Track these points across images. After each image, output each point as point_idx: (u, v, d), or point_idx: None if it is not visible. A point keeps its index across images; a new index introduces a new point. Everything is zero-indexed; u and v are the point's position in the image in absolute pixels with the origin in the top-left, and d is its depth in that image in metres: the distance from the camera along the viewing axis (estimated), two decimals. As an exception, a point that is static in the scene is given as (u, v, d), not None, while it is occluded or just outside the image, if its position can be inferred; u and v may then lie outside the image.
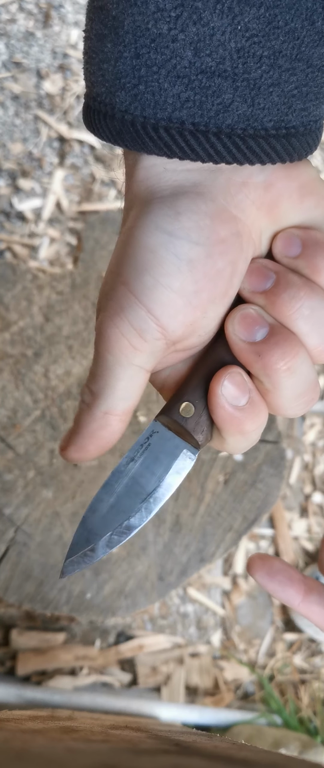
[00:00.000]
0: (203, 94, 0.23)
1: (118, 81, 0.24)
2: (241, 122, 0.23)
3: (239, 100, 0.23)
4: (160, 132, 0.24)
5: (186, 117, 0.23)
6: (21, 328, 0.76)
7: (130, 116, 0.24)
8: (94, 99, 0.25)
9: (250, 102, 0.23)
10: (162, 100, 0.23)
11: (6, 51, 1.34)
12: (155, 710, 0.90)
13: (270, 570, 0.30)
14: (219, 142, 0.24)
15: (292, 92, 0.24)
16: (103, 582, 0.69)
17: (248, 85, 0.23)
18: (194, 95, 0.23)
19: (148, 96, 0.23)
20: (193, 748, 0.29)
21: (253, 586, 1.11)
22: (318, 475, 1.21)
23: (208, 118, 0.23)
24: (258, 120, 0.24)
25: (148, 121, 0.24)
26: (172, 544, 0.71)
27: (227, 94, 0.23)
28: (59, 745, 0.26)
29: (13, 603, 0.67)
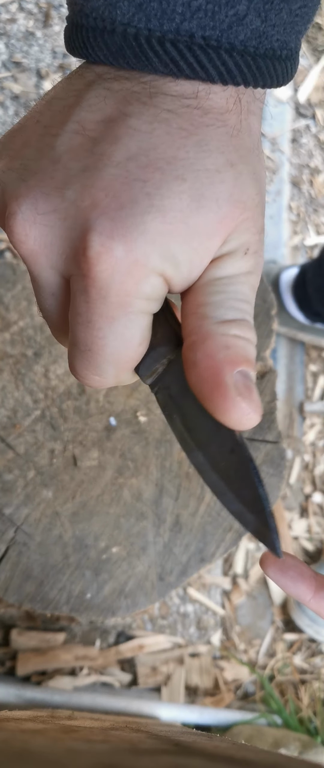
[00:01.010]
0: (216, 3, 0.21)
1: None
2: (253, 39, 0.22)
3: (254, 12, 0.21)
4: (167, 46, 0.21)
5: (196, 29, 0.21)
6: (21, 328, 0.76)
7: (134, 29, 0.21)
8: (87, 16, 0.22)
9: (264, 17, 0.22)
10: (170, 9, 0.21)
11: (6, 51, 1.34)
12: (155, 710, 0.90)
13: (282, 566, 0.30)
14: (231, 60, 0.22)
15: (296, 11, 0.22)
16: (103, 582, 0.69)
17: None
18: (206, 3, 0.21)
19: (154, 4, 0.21)
20: (193, 748, 0.29)
21: (253, 586, 1.11)
22: (318, 475, 1.21)
23: (220, 31, 0.21)
24: (268, 38, 0.22)
25: (153, 34, 0.21)
26: (172, 544, 0.71)
27: (242, 4, 0.21)
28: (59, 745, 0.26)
29: (13, 603, 0.67)
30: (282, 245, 1.37)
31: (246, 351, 0.23)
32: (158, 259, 0.22)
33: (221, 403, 0.22)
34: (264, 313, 0.80)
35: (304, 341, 1.27)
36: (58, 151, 0.22)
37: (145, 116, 0.22)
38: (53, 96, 0.24)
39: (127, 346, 0.23)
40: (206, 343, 0.22)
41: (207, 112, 0.22)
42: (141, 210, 0.21)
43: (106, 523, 0.70)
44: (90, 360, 0.23)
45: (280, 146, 1.45)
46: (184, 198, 0.21)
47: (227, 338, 0.22)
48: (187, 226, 0.21)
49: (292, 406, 1.25)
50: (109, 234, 0.21)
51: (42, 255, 0.23)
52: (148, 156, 0.21)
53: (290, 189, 1.43)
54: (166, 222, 0.21)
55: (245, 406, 0.22)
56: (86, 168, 0.22)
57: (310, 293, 1.15)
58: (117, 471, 0.72)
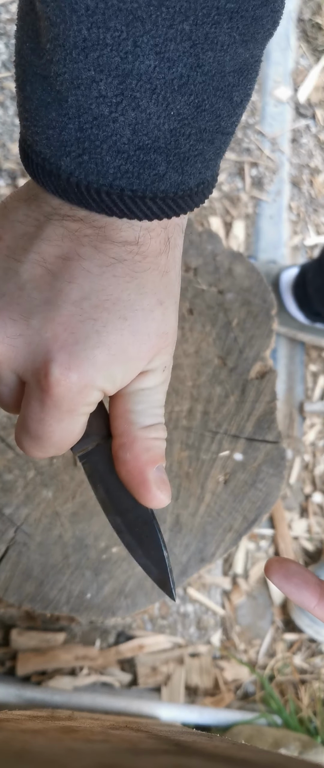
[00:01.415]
0: (141, 167, 0.26)
1: (64, 148, 0.26)
2: (173, 188, 0.27)
3: (172, 170, 0.26)
4: (103, 196, 0.26)
5: (125, 185, 0.26)
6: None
7: (75, 179, 0.26)
8: (36, 154, 0.27)
9: (181, 171, 0.27)
10: (104, 170, 0.26)
11: (6, 51, 1.34)
12: (155, 710, 0.90)
13: (286, 572, 0.31)
14: (154, 204, 0.27)
15: (210, 157, 0.28)
16: (103, 582, 0.69)
17: (179, 157, 0.26)
18: (133, 168, 0.26)
19: (91, 165, 0.26)
20: (193, 748, 0.29)
21: (253, 586, 1.11)
22: (318, 475, 1.21)
23: (144, 186, 0.26)
24: (186, 183, 0.27)
25: (91, 185, 0.26)
26: (172, 544, 0.71)
27: (161, 166, 0.26)
28: (59, 745, 0.26)
29: (13, 603, 0.67)
30: (282, 245, 1.37)
31: (161, 449, 0.30)
32: (101, 380, 0.27)
33: (145, 494, 0.29)
34: (264, 313, 0.80)
35: (304, 341, 1.27)
36: (23, 279, 0.27)
37: (95, 260, 0.27)
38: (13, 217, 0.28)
39: (69, 436, 0.29)
40: (133, 446, 0.29)
41: (145, 256, 0.28)
42: (91, 345, 0.26)
43: (106, 523, 0.70)
44: (37, 443, 0.29)
45: (280, 146, 1.45)
46: (125, 334, 0.27)
47: (148, 441, 0.29)
48: (125, 354, 0.27)
49: (292, 406, 1.25)
50: (67, 366, 0.26)
51: (4, 364, 0.28)
52: (98, 297, 0.26)
53: (290, 189, 1.43)
54: (111, 354, 0.27)
55: (160, 494, 0.29)
56: (47, 301, 0.26)
57: (310, 293, 1.15)
58: (117, 471, 0.72)
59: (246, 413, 0.75)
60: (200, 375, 0.77)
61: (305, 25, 1.57)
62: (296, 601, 0.31)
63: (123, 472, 0.30)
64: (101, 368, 0.27)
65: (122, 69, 0.24)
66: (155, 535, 0.32)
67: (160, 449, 0.30)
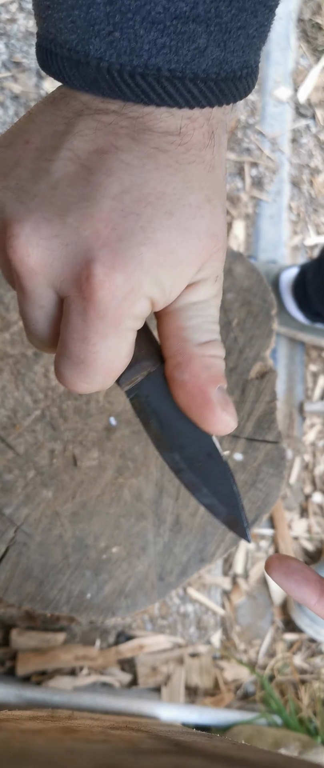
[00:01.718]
0: (179, 40, 0.23)
1: (92, 28, 0.23)
2: (214, 66, 0.24)
3: (213, 44, 0.24)
4: (137, 79, 0.23)
5: (162, 63, 0.23)
6: (21, 328, 0.76)
7: (106, 63, 0.23)
8: (61, 46, 0.24)
9: (223, 46, 0.24)
10: (138, 47, 0.23)
11: (6, 51, 1.34)
12: (155, 710, 0.90)
13: (287, 570, 0.31)
14: (195, 87, 0.24)
15: (253, 34, 0.25)
16: (103, 582, 0.69)
17: (220, 29, 0.23)
18: (170, 41, 0.23)
19: (123, 43, 0.23)
20: (193, 748, 0.29)
21: (253, 586, 1.11)
22: (318, 475, 1.21)
23: (184, 63, 0.23)
24: (228, 63, 0.24)
25: (124, 68, 0.23)
26: (172, 544, 0.71)
27: (202, 39, 0.23)
28: (59, 745, 0.26)
29: (13, 603, 0.67)
30: (282, 245, 1.37)
31: (221, 368, 0.27)
32: (149, 285, 0.24)
33: (209, 416, 0.26)
34: (264, 313, 0.80)
35: (304, 341, 1.27)
36: (55, 177, 0.24)
37: (135, 151, 0.24)
38: (40, 119, 0.26)
39: (116, 359, 0.26)
40: (191, 364, 0.26)
41: (189, 149, 0.25)
42: (137, 242, 0.23)
43: (106, 523, 0.70)
44: (82, 370, 0.26)
45: (280, 146, 1.45)
46: (172, 231, 0.24)
47: (207, 359, 0.26)
48: (174, 256, 0.24)
49: (292, 406, 1.25)
50: (111, 265, 0.23)
51: (40, 275, 0.24)
52: (141, 190, 0.24)
53: (290, 189, 1.43)
54: (158, 253, 0.24)
55: (226, 416, 0.26)
56: (84, 197, 0.23)
57: (310, 293, 1.15)
58: (117, 471, 0.72)
59: (246, 413, 0.75)
60: (200, 375, 0.77)
61: (305, 25, 1.57)
62: (297, 598, 0.31)
63: (181, 395, 0.27)
64: (149, 269, 0.24)
65: None
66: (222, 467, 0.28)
67: (220, 368, 0.27)
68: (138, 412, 0.29)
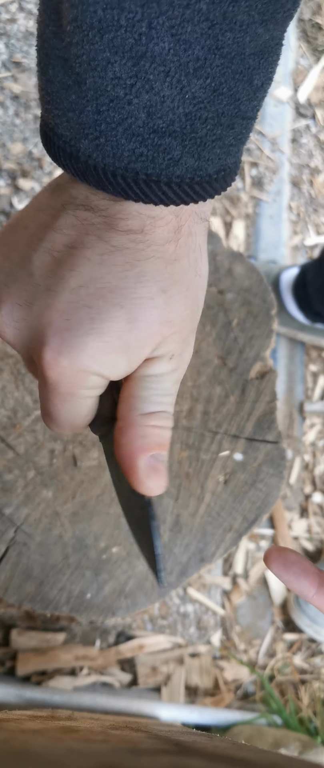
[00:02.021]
0: (155, 151, 0.26)
1: (82, 131, 0.26)
2: (189, 173, 0.27)
3: (187, 155, 0.26)
4: (118, 179, 0.26)
5: (140, 168, 0.26)
6: (21, 328, 0.76)
7: (93, 161, 0.27)
8: (58, 137, 0.28)
9: (197, 156, 0.26)
10: (119, 153, 0.26)
11: (6, 51, 1.34)
12: (155, 710, 0.90)
13: (285, 561, 0.31)
14: (170, 190, 0.27)
15: (230, 143, 0.27)
16: (103, 582, 0.69)
17: (195, 142, 0.26)
18: (147, 151, 0.26)
19: (107, 148, 0.26)
20: (193, 748, 0.29)
21: (253, 586, 1.11)
22: (318, 475, 1.21)
23: (159, 170, 0.26)
24: (203, 169, 0.27)
25: (107, 168, 0.26)
26: (172, 544, 0.71)
27: (176, 150, 0.26)
28: (59, 745, 0.26)
29: (13, 603, 0.67)
30: (282, 245, 1.37)
31: (159, 438, 0.29)
32: (96, 366, 0.27)
33: (133, 480, 0.29)
34: (264, 313, 0.80)
35: (304, 341, 1.27)
36: (33, 266, 0.28)
37: (97, 248, 0.27)
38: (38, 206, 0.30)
39: (77, 417, 0.30)
40: (129, 431, 0.29)
41: (150, 245, 0.28)
42: (83, 331, 0.27)
43: (106, 523, 0.70)
44: (51, 420, 0.30)
45: (280, 146, 1.45)
46: (121, 321, 0.27)
47: (145, 429, 0.29)
48: (122, 341, 0.27)
49: (292, 406, 1.25)
50: (58, 350, 0.27)
51: (17, 345, 0.30)
52: (96, 284, 0.27)
53: (290, 189, 1.43)
54: (104, 340, 0.27)
55: (149, 482, 0.29)
56: (49, 288, 0.28)
57: (310, 293, 1.15)
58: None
59: (246, 413, 0.75)
60: (200, 375, 0.77)
61: (305, 25, 1.57)
62: (295, 590, 0.31)
63: (118, 456, 0.30)
64: (95, 355, 0.27)
65: (136, 51, 0.24)
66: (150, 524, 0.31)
67: (157, 437, 0.29)
68: (105, 455, 0.33)
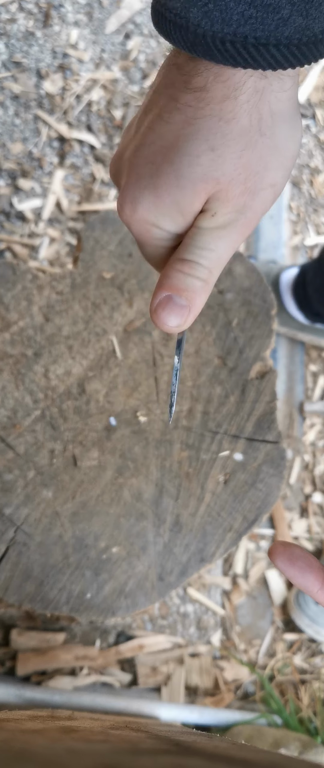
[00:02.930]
0: (264, 11, 0.26)
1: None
2: (297, 33, 0.27)
3: (296, 14, 0.26)
4: (227, 45, 0.27)
5: (249, 32, 0.27)
6: (21, 328, 0.76)
7: (202, 30, 0.27)
8: (169, 11, 0.29)
9: (305, 14, 0.27)
10: (228, 18, 0.27)
11: (6, 51, 1.34)
12: (155, 710, 0.90)
13: (290, 556, 0.31)
14: (278, 52, 0.27)
15: None
16: (103, 582, 0.69)
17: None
18: (256, 12, 0.26)
19: (216, 13, 0.27)
20: (193, 748, 0.29)
21: (253, 586, 1.11)
22: (318, 475, 1.21)
23: (268, 32, 0.27)
24: (310, 29, 0.27)
25: (216, 35, 0.27)
26: (172, 544, 0.71)
27: (285, 9, 0.26)
28: (59, 745, 0.26)
29: (13, 603, 0.67)
30: (282, 245, 1.37)
31: (181, 282, 0.31)
32: (152, 218, 0.31)
33: (150, 312, 0.32)
34: (264, 313, 0.80)
35: (304, 341, 1.27)
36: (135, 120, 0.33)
37: (168, 107, 0.30)
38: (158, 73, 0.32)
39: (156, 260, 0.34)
40: (163, 269, 0.32)
41: (208, 102, 0.29)
42: (143, 185, 0.30)
43: (106, 523, 0.70)
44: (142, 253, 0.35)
45: (280, 146, 1.44)
46: (171, 177, 0.30)
47: (171, 270, 0.32)
48: (171, 198, 0.30)
49: (292, 406, 1.25)
50: (124, 199, 0.31)
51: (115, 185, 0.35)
52: (161, 141, 0.30)
53: (290, 189, 1.43)
54: (157, 195, 0.30)
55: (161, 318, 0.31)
56: (135, 142, 0.31)
57: (310, 293, 1.15)
58: (117, 471, 0.72)
59: (246, 413, 0.75)
60: (200, 375, 0.77)
61: (305, 25, 1.57)
62: (299, 585, 0.31)
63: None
64: (150, 207, 0.30)
65: None
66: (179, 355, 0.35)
67: (179, 281, 0.31)
68: None
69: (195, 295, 0.31)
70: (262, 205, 0.31)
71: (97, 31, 1.40)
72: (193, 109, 0.29)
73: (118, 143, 1.32)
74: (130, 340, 0.77)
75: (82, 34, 1.39)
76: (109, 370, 0.76)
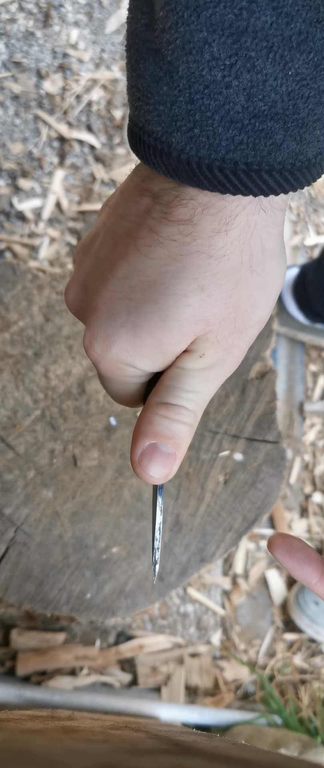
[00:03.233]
0: (256, 137, 0.24)
1: (174, 123, 0.25)
2: (290, 158, 0.25)
3: (289, 139, 0.25)
4: (215, 171, 0.25)
5: (239, 158, 0.25)
6: (21, 328, 0.76)
7: (186, 155, 0.25)
8: (148, 135, 0.27)
9: (299, 139, 0.25)
10: (216, 143, 0.25)
11: (6, 51, 1.34)
12: (155, 710, 0.90)
13: (290, 548, 0.31)
14: (270, 178, 0.25)
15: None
16: (103, 582, 0.69)
17: (297, 124, 0.25)
18: (247, 138, 0.24)
19: (202, 139, 0.25)
20: (193, 748, 0.29)
21: (253, 586, 1.11)
22: (318, 475, 1.21)
23: (260, 157, 0.25)
24: (303, 153, 0.26)
25: (202, 161, 0.25)
26: (172, 544, 0.71)
27: (278, 135, 0.25)
28: (59, 745, 0.26)
29: (13, 603, 0.67)
30: (282, 245, 1.37)
31: (166, 429, 0.29)
32: (128, 358, 0.28)
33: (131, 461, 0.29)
34: (264, 313, 0.80)
35: (304, 341, 1.27)
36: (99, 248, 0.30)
37: (147, 239, 0.27)
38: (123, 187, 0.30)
39: (125, 397, 0.31)
40: (142, 415, 0.29)
41: (195, 237, 0.26)
42: (119, 323, 0.27)
43: (106, 523, 0.70)
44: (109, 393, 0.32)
45: (280, 146, 1.44)
46: (154, 318, 0.27)
47: (153, 416, 0.29)
48: (153, 338, 0.27)
49: (292, 406, 1.25)
50: (94, 336, 0.28)
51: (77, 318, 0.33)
52: (139, 277, 0.27)
53: (290, 189, 1.43)
54: (136, 335, 0.27)
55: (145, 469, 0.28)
56: (103, 273, 0.28)
57: (310, 293, 1.15)
58: (117, 471, 0.72)
59: (246, 413, 0.75)
60: (200, 375, 0.77)
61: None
62: (298, 577, 0.31)
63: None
64: (126, 347, 0.27)
65: (236, 26, 0.22)
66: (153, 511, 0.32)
67: (163, 428, 0.29)
68: None
69: (181, 441, 0.29)
70: (248, 342, 0.30)
71: (97, 31, 1.40)
72: (178, 245, 0.26)
73: (118, 143, 1.32)
74: (130, 340, 0.77)
75: (82, 34, 1.39)
76: (109, 370, 0.76)
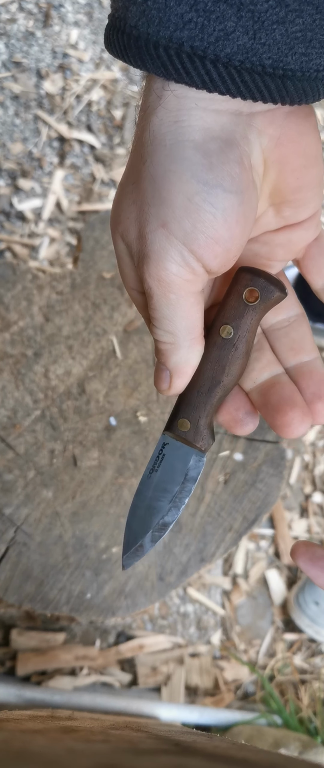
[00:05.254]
0: (206, 17, 0.23)
1: None
2: (239, 53, 0.23)
3: (241, 30, 0.23)
4: (160, 51, 0.24)
5: (186, 39, 0.23)
6: (21, 328, 0.76)
7: (137, 32, 0.24)
8: (112, 15, 0.26)
9: (252, 35, 0.23)
10: (166, 18, 0.23)
11: (6, 51, 1.34)
12: (155, 710, 0.90)
13: (312, 556, 0.32)
14: (215, 70, 0.23)
15: (295, 34, 0.23)
16: (103, 582, 0.69)
17: (252, 16, 0.23)
18: (197, 17, 0.23)
19: (154, 12, 0.23)
20: (193, 748, 0.29)
21: (253, 586, 1.11)
22: (318, 475, 1.21)
23: (207, 43, 0.23)
24: (257, 55, 0.23)
25: (150, 39, 0.24)
26: (172, 544, 0.71)
27: (230, 21, 0.23)
28: (59, 745, 0.26)
29: (13, 603, 0.67)
30: (282, 245, 1.37)
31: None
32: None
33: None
34: (264, 313, 0.80)
35: (304, 341, 1.27)
36: None
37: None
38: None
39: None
40: None
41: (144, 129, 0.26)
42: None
43: (106, 523, 0.70)
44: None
45: (280, 146, 1.44)
46: None
47: None
48: None
49: (292, 406, 1.25)
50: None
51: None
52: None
53: (290, 189, 1.43)
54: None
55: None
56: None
57: (310, 293, 1.15)
58: (117, 471, 0.72)
59: (246, 413, 0.75)
60: (200, 375, 0.77)
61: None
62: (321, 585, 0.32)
63: None
64: None
65: None
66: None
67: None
68: None
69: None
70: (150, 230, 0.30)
71: (97, 31, 1.40)
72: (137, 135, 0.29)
73: (118, 143, 1.32)
74: (130, 340, 0.77)
75: (82, 34, 1.39)
76: (109, 370, 0.76)
